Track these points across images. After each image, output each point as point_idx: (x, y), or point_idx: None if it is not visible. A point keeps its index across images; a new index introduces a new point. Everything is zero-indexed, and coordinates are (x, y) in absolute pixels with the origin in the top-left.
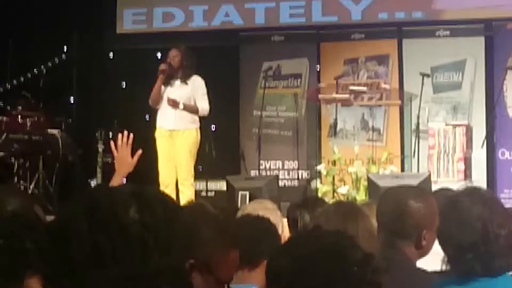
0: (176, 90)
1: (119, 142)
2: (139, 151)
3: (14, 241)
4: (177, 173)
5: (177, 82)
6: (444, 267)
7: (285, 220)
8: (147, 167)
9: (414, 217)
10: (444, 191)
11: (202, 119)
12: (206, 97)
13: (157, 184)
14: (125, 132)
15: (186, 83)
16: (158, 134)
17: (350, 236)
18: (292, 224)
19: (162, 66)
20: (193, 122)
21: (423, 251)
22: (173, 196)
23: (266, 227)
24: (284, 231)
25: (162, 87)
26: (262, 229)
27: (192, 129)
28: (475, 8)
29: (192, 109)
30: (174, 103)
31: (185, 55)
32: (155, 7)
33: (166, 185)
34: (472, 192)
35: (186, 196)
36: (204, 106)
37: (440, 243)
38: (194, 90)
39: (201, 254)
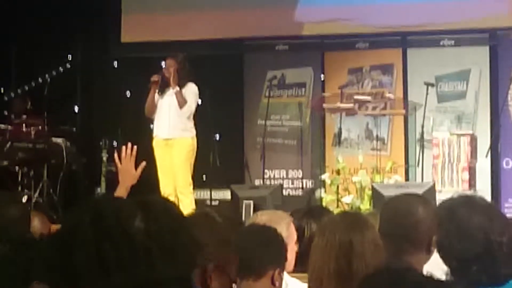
0: (170, 97)
1: (123, 154)
2: (143, 163)
3: (18, 249)
4: (175, 182)
5: (171, 90)
6: (446, 278)
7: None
8: (151, 176)
9: (426, 224)
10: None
11: (205, 128)
12: (194, 100)
13: (160, 193)
14: (129, 144)
15: (181, 91)
16: (155, 144)
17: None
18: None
19: (155, 77)
20: (188, 131)
21: (429, 257)
22: None
23: (272, 236)
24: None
25: (156, 96)
26: (268, 239)
27: (187, 138)
28: (480, 17)
29: (181, 99)
30: (173, 82)
31: (180, 64)
32: (160, 16)
33: (167, 194)
34: (468, 201)
35: (185, 205)
36: (191, 105)
37: (441, 255)
38: (186, 94)
39: (220, 257)
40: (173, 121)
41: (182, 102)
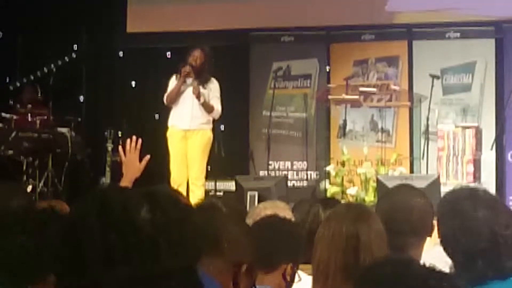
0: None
1: (127, 146)
2: (147, 156)
3: (26, 239)
4: (189, 173)
5: (195, 83)
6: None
7: None
8: (156, 166)
9: (431, 213)
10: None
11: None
12: (219, 100)
13: (166, 183)
14: (134, 137)
15: (204, 87)
16: (170, 133)
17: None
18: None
19: (187, 69)
20: (208, 123)
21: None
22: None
23: (290, 230)
24: None
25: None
26: (286, 233)
27: (206, 130)
28: (486, 10)
29: (208, 107)
30: (198, 95)
31: (207, 57)
32: (166, 6)
33: (178, 185)
34: (472, 195)
35: (196, 196)
36: (218, 108)
37: (446, 249)
38: (209, 92)
39: (248, 257)
40: (195, 113)
41: (210, 110)
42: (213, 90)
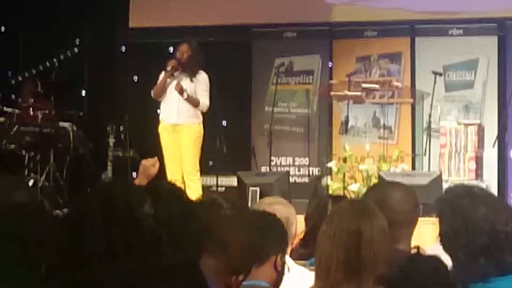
0: (181, 83)
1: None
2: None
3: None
4: (183, 168)
5: (183, 77)
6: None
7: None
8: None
9: (418, 205)
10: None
11: (212, 114)
12: (207, 93)
13: (166, 178)
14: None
15: (192, 80)
16: (161, 128)
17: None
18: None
19: (173, 63)
20: (196, 117)
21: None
22: None
23: (271, 222)
24: (298, 228)
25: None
26: (267, 225)
27: (195, 124)
28: (488, 7)
29: (194, 101)
30: (180, 91)
31: (194, 51)
32: (168, 1)
33: (174, 180)
34: (470, 193)
35: (193, 190)
36: (205, 101)
37: (446, 248)
38: (197, 85)
39: (220, 244)
40: (182, 107)
41: (196, 104)
42: (201, 84)
